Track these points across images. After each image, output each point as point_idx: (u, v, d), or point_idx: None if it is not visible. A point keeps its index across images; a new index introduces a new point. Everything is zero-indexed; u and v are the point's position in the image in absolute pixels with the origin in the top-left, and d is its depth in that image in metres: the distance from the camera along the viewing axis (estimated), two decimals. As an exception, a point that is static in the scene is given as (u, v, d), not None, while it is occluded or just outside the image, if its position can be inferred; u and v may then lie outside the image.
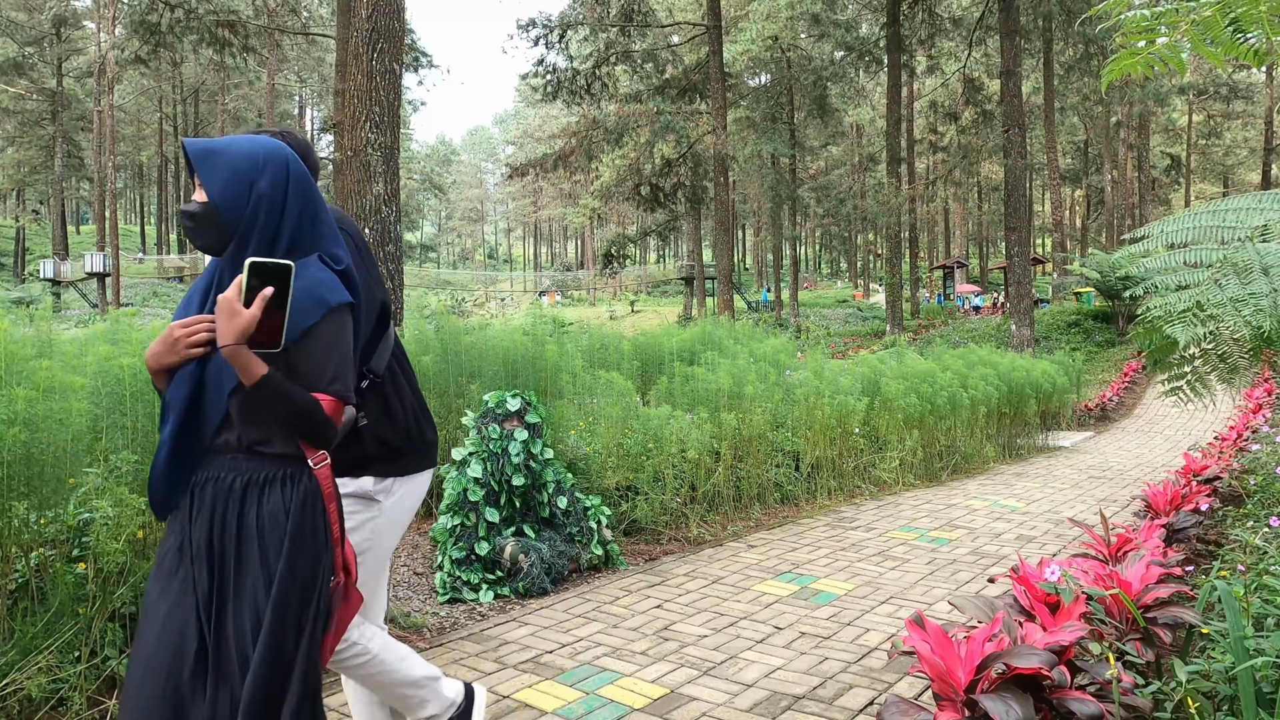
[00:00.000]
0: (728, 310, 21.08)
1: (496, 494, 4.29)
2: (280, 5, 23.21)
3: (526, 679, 3.11)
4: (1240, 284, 2.28)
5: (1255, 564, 3.13)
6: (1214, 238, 2.56)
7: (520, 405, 4.44)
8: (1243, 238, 2.47)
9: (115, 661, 2.76)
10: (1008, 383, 10.03)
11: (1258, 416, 9.06)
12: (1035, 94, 34.03)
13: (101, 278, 38.63)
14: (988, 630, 2.24)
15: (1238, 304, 2.22)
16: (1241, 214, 2.55)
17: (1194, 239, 2.60)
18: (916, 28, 27.13)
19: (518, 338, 5.60)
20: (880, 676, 3.13)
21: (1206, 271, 2.45)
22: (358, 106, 7.07)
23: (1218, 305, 2.27)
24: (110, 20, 36.77)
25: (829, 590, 4.28)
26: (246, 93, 50.82)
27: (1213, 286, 2.34)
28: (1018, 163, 18.43)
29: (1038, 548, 5.22)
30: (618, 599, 4.09)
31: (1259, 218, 2.49)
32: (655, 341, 7.70)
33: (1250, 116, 48.06)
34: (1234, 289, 2.28)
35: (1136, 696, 2.16)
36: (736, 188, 38.73)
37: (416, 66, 23.82)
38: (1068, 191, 49.63)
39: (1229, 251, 2.45)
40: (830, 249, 65.29)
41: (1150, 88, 29.69)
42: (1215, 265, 2.44)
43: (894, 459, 7.73)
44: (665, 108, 21.44)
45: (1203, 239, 2.58)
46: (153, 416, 2.98)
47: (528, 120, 78.53)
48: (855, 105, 40.74)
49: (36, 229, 55.20)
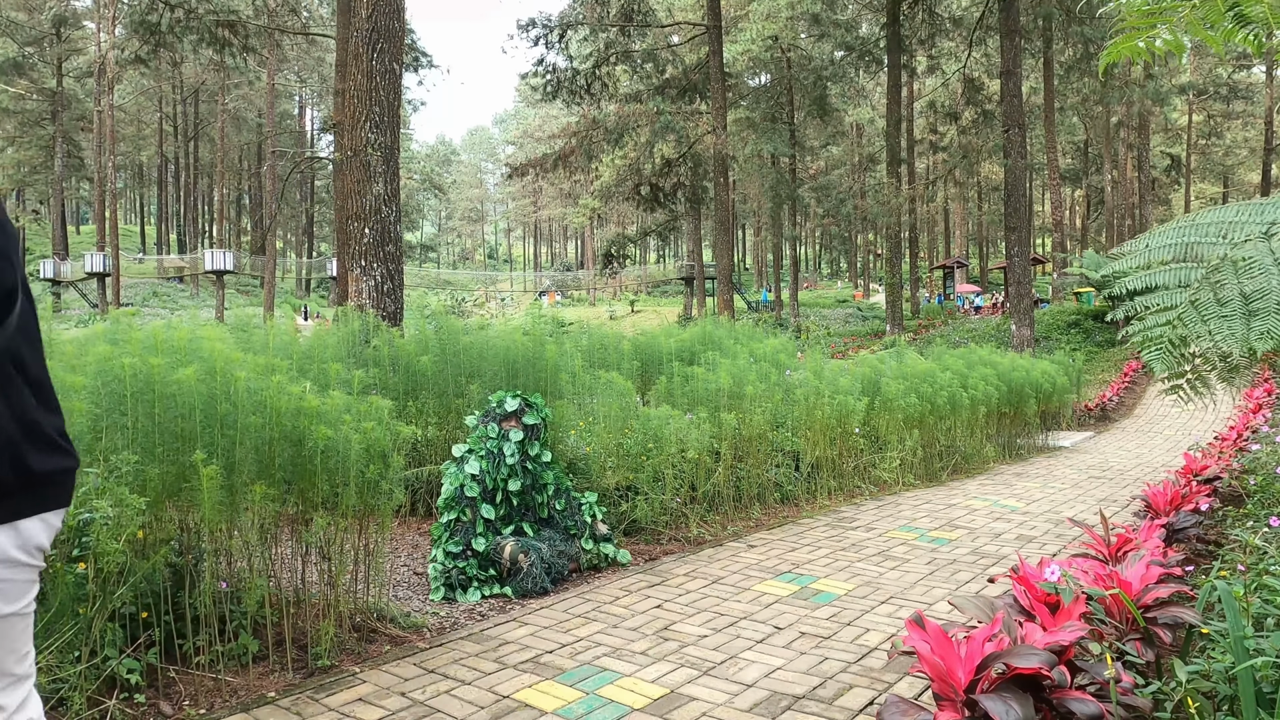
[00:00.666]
0: (728, 310, 21.08)
1: (492, 491, 4.30)
2: (280, 5, 23.22)
3: (526, 679, 3.11)
4: (1217, 307, 2.27)
5: (1255, 564, 3.13)
6: (1194, 255, 2.55)
7: (519, 406, 4.44)
8: (1221, 255, 2.46)
9: (115, 661, 2.76)
10: (1007, 383, 10.02)
11: (1258, 416, 9.06)
12: (1035, 94, 34.05)
13: (101, 278, 38.65)
14: (988, 630, 2.24)
15: (1213, 333, 2.22)
16: (1221, 228, 2.55)
17: (1176, 256, 2.59)
18: (916, 28, 27.13)
19: (517, 338, 5.60)
20: (880, 676, 3.13)
21: (1184, 294, 2.44)
22: (358, 106, 7.06)
23: (1194, 333, 2.27)
24: (110, 20, 36.78)
25: (829, 590, 4.28)
26: (246, 93, 50.82)
27: (1189, 310, 2.34)
28: (1018, 163, 18.44)
29: (1038, 548, 5.22)
30: (618, 599, 4.09)
31: (1239, 232, 2.48)
32: (654, 341, 7.71)
33: (1250, 116, 48.06)
34: (1212, 312, 2.28)
35: (1136, 696, 2.16)
36: (736, 188, 38.72)
37: (416, 66, 23.82)
38: (1068, 191, 49.65)
39: (1206, 271, 2.44)
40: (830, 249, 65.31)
41: (1150, 87, 29.68)
42: (1193, 286, 2.43)
43: (894, 459, 7.73)
44: (665, 108, 21.45)
45: (1185, 256, 2.57)
46: (153, 416, 2.98)
47: (528, 120, 78.57)
48: (855, 105, 40.75)
49: (36, 229, 55.21)
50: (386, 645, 3.45)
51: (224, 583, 3.22)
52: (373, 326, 5.78)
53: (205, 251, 41.80)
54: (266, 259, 36.21)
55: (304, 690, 3.00)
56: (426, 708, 2.86)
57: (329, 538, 3.44)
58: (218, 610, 3.13)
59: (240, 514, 3.20)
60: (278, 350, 4.78)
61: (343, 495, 3.27)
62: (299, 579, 3.55)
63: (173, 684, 2.96)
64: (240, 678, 3.05)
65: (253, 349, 4.49)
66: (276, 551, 3.51)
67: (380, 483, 3.34)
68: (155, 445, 2.98)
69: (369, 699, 2.93)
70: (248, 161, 56.72)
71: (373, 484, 3.33)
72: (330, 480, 3.26)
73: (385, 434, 3.37)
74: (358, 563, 3.60)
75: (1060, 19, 23.44)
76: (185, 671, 3.02)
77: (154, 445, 2.97)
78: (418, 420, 5.40)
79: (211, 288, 44.51)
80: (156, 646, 2.98)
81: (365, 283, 7.20)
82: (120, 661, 2.76)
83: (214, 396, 3.08)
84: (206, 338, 3.37)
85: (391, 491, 3.39)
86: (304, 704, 2.89)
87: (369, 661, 3.28)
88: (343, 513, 3.40)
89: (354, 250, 7.22)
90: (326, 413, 3.25)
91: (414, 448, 5.41)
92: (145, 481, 2.89)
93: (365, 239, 7.18)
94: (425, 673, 3.16)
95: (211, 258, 38.77)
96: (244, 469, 3.08)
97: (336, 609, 3.40)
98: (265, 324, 5.15)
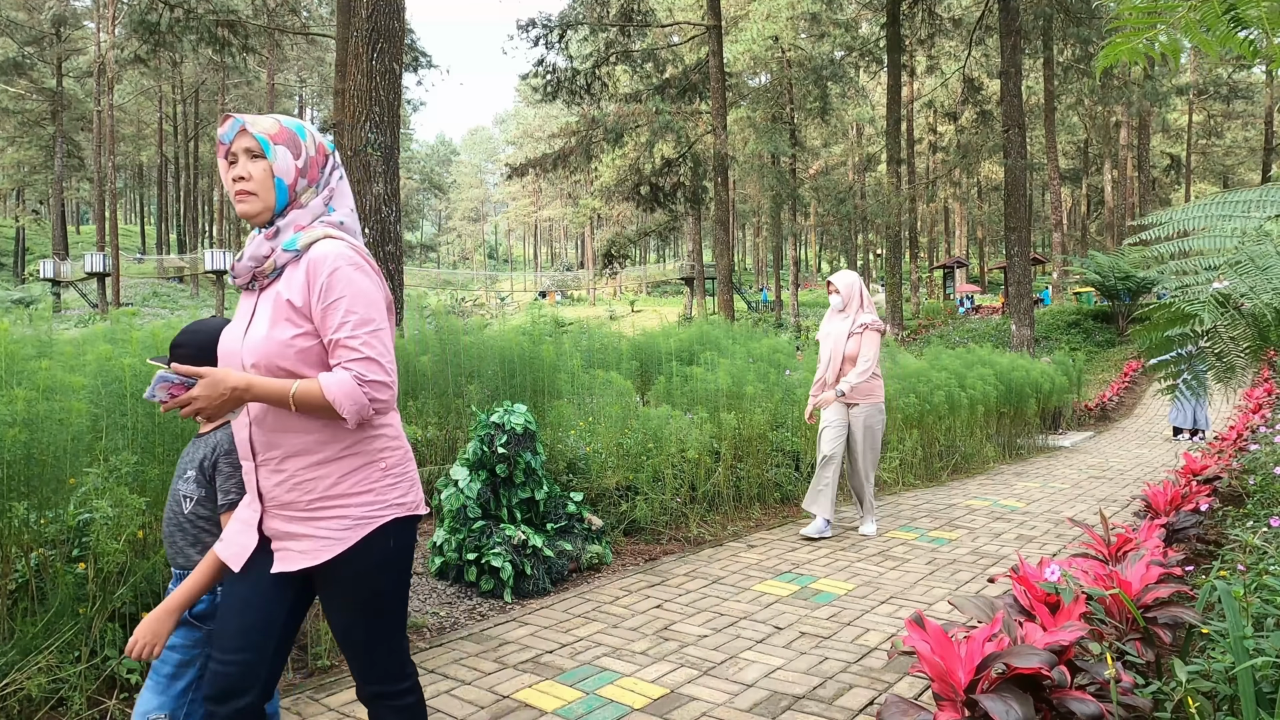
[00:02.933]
0: (727, 310, 21.06)
1: (487, 498, 4.31)
2: (280, 5, 23.22)
3: (526, 679, 3.11)
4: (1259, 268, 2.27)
5: (1255, 564, 3.12)
6: (1222, 229, 2.56)
7: (501, 416, 4.39)
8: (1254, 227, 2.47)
9: (115, 661, 2.76)
10: (1007, 383, 10.02)
11: (1257, 416, 9.06)
12: (1035, 94, 34.04)
13: (101, 278, 38.61)
14: (988, 630, 2.24)
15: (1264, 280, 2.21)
16: (1250, 205, 2.55)
17: (1203, 228, 2.60)
18: (916, 28, 27.12)
19: (516, 338, 5.60)
20: (880, 676, 3.13)
21: (1221, 257, 2.45)
22: (358, 106, 7.06)
23: (1245, 280, 2.27)
24: (110, 20, 36.77)
25: (829, 590, 4.28)
26: (246, 92, 50.81)
27: (1245, 264, 2.33)
28: (1018, 163, 18.42)
29: (1038, 548, 5.22)
30: (618, 599, 4.09)
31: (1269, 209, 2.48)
32: (654, 341, 7.71)
33: (1250, 116, 48.04)
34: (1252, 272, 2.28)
35: (1136, 696, 2.16)
36: (736, 188, 38.71)
37: (416, 66, 23.80)
38: (1068, 191, 49.62)
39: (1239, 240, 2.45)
40: (830, 249, 65.29)
41: (1149, 88, 29.66)
42: (1231, 250, 2.44)
43: (894, 459, 7.72)
44: (665, 108, 21.43)
45: (1212, 228, 2.58)
46: (153, 416, 2.98)
47: (528, 120, 78.52)
48: (855, 105, 40.74)
49: (36, 229, 55.19)
50: (386, 645, 3.45)
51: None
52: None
53: (205, 251, 41.76)
54: (266, 259, 36.10)
55: (304, 690, 3.00)
56: (427, 707, 2.86)
57: (329, 538, 3.43)
58: (218, 610, 3.13)
59: (240, 514, 3.20)
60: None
61: (343, 495, 3.26)
62: (299, 579, 3.55)
63: (173, 684, 2.95)
64: (240, 678, 3.05)
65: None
66: (276, 551, 3.50)
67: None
68: (155, 445, 2.98)
69: (369, 699, 2.93)
70: (248, 161, 56.59)
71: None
72: (330, 480, 3.26)
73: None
74: (358, 563, 3.59)
75: (1059, 19, 23.43)
76: (185, 671, 3.02)
77: (154, 445, 2.97)
78: (418, 420, 5.40)
79: (211, 288, 44.49)
80: (156, 646, 2.98)
81: (365, 283, 7.18)
82: (120, 661, 2.76)
83: (214, 396, 3.07)
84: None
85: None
86: (304, 704, 2.89)
87: (369, 661, 3.28)
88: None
89: (354, 250, 7.20)
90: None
91: (414, 447, 5.41)
92: (145, 481, 2.89)
93: (365, 239, 7.18)
94: (425, 672, 3.16)
95: (211, 258, 38.74)
96: (244, 469, 3.08)
97: (336, 609, 3.40)
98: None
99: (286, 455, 1.78)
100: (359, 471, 1.80)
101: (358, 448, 1.80)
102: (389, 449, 1.85)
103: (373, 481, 1.81)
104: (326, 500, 1.78)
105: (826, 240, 63.18)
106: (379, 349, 1.74)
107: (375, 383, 1.72)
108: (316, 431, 1.77)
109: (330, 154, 1.89)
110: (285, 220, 1.80)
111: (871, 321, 5.42)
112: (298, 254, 1.77)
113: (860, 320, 5.42)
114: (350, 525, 1.78)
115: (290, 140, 1.81)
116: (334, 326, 1.72)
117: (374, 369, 1.72)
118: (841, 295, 5.53)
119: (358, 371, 1.71)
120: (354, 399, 1.70)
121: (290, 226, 1.79)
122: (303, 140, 1.83)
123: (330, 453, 1.78)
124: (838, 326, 5.50)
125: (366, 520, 1.79)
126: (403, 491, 1.85)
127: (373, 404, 1.72)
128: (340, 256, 1.75)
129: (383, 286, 1.83)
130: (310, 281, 1.74)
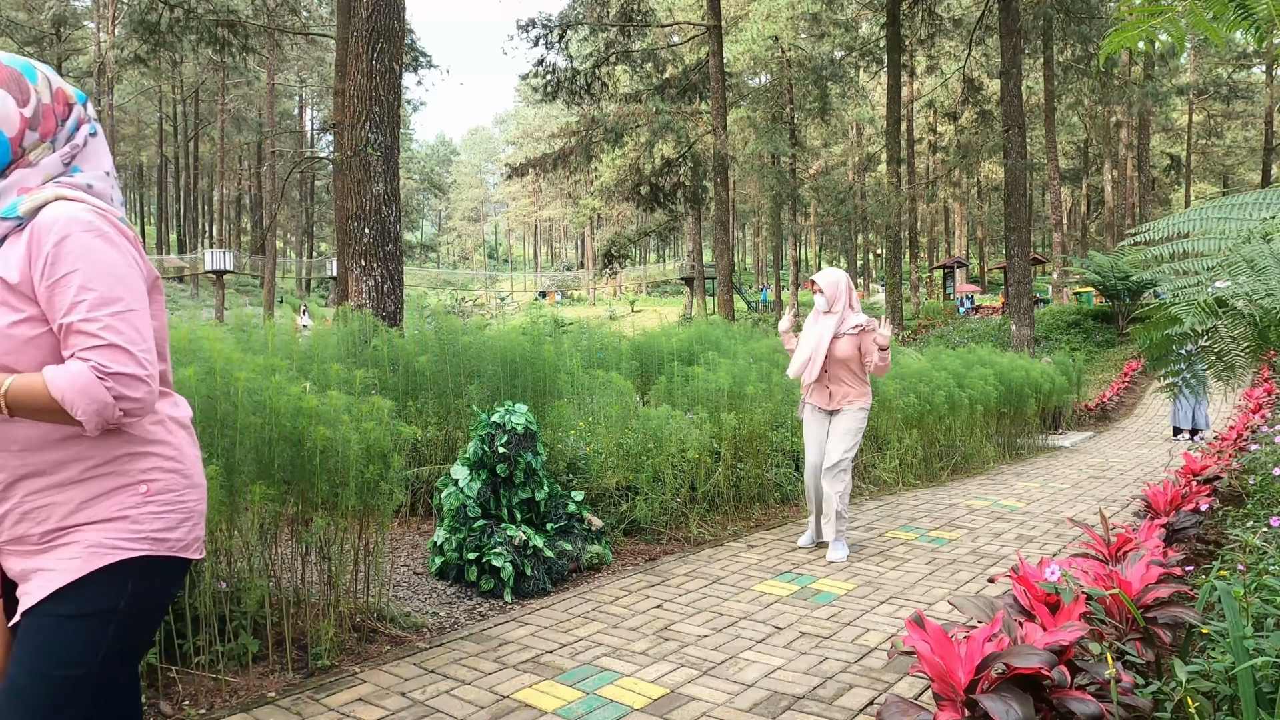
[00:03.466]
0: (727, 310, 21.05)
1: (487, 498, 4.31)
2: (280, 5, 23.21)
3: (526, 679, 3.11)
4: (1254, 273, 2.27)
5: (1255, 564, 3.12)
6: (1220, 230, 2.56)
7: (502, 416, 4.40)
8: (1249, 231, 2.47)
9: (115, 661, 2.76)
10: (1006, 383, 10.02)
11: (1257, 416, 9.06)
12: (1035, 94, 34.04)
13: (101, 278, 38.57)
14: (988, 630, 2.24)
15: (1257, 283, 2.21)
16: (1246, 209, 2.56)
17: (1199, 231, 2.61)
18: (916, 28, 27.11)
19: (516, 338, 5.60)
20: (880, 676, 3.12)
21: (1215, 259, 2.45)
22: (358, 106, 7.07)
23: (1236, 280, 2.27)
24: (110, 20, 36.78)
25: (829, 590, 4.28)
26: (246, 92, 50.80)
27: (1238, 265, 2.33)
28: (1018, 163, 18.41)
29: (1038, 547, 5.22)
30: (618, 599, 4.09)
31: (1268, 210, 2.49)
32: (654, 341, 7.71)
33: (1250, 116, 48.03)
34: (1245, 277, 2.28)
35: (1136, 696, 2.16)
36: (736, 188, 38.70)
37: (416, 66, 23.79)
38: (1068, 191, 49.62)
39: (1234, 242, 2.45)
40: (830, 249, 65.29)
41: (1150, 87, 29.64)
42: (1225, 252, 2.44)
43: (894, 459, 7.72)
44: (665, 108, 21.43)
45: (1209, 231, 2.59)
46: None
47: (528, 120, 78.51)
48: (855, 105, 40.74)
49: (36, 229, 55.11)
50: (386, 645, 3.45)
51: (224, 583, 3.22)
52: (372, 326, 5.78)
53: (205, 251, 41.79)
54: (266, 259, 36.19)
55: (304, 690, 3.00)
56: (426, 708, 2.86)
57: (329, 538, 3.44)
58: (217, 610, 3.13)
59: (240, 514, 3.20)
60: (278, 350, 4.78)
61: (342, 495, 3.27)
62: (299, 579, 3.55)
63: (172, 684, 2.95)
64: (240, 678, 3.05)
65: (252, 349, 4.50)
66: (276, 551, 3.51)
67: (380, 483, 3.34)
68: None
69: (369, 699, 2.93)
70: (248, 161, 56.70)
71: (372, 484, 3.33)
72: (330, 480, 3.26)
73: (385, 434, 3.37)
74: (358, 563, 3.60)
75: (1060, 19, 23.42)
76: (185, 671, 3.02)
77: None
78: (417, 420, 5.40)
79: (211, 288, 44.48)
80: (156, 646, 2.98)
81: (365, 283, 7.20)
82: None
83: (214, 396, 3.08)
84: (206, 338, 3.37)
85: (391, 491, 3.39)
86: (304, 704, 2.89)
87: (369, 661, 3.28)
88: (342, 513, 3.40)
89: (354, 250, 7.23)
90: (325, 413, 3.25)
91: (414, 447, 5.41)
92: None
93: (365, 239, 7.19)
94: (425, 673, 3.16)
95: (211, 258, 38.77)
96: (244, 469, 3.08)
97: (336, 609, 3.40)
98: (265, 324, 5.15)
99: (15, 478, 1.42)
100: (109, 496, 1.44)
101: (111, 467, 1.45)
102: (158, 471, 1.49)
103: (126, 508, 1.44)
104: (61, 531, 1.42)
105: (826, 240, 63.16)
106: (128, 334, 1.39)
107: (121, 375, 1.37)
108: (53, 448, 1.41)
109: (76, 104, 1.53)
110: (6, 181, 1.44)
111: (866, 323, 5.15)
112: (20, 222, 1.41)
113: (853, 321, 5.07)
114: (77, 555, 1.40)
115: (13, 82, 1.45)
116: (64, 308, 1.37)
117: (119, 358, 1.37)
118: (826, 295, 5.12)
119: (96, 362, 1.36)
120: (90, 396, 1.34)
121: (12, 189, 1.44)
122: (32, 83, 1.47)
123: (72, 473, 1.43)
124: (823, 326, 5.13)
125: (101, 551, 1.41)
126: (167, 525, 1.48)
127: (119, 402, 1.37)
128: (74, 221, 1.39)
129: (139, 261, 1.49)
130: (32, 254, 1.39)
